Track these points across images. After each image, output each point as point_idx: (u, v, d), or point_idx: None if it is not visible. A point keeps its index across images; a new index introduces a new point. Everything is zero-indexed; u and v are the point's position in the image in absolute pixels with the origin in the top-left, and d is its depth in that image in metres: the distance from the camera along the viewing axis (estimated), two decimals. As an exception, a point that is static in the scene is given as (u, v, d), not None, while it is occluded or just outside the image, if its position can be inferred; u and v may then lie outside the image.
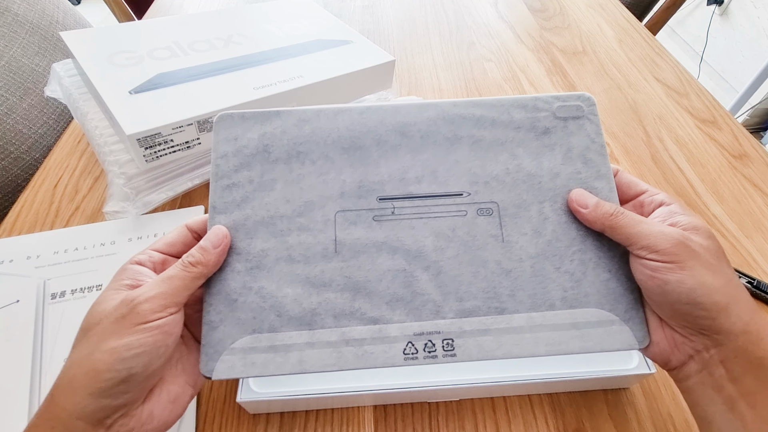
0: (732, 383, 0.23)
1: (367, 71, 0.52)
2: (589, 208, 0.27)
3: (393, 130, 0.30)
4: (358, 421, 0.34)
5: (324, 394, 0.32)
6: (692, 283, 0.23)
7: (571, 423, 0.34)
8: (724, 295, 0.23)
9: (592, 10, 0.88)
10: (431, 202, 0.28)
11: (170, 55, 0.50)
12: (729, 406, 0.23)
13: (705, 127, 0.62)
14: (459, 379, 0.33)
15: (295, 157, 0.29)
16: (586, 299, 0.27)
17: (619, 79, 0.70)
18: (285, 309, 0.26)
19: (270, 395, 0.31)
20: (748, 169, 0.56)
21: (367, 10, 0.83)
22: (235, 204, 0.28)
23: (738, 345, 0.23)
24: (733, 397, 0.23)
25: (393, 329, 0.26)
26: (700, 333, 0.24)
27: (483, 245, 0.28)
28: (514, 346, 0.26)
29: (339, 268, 0.27)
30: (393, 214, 0.28)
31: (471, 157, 0.29)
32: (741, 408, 0.23)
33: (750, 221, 0.50)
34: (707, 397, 0.24)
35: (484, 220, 0.28)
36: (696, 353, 0.24)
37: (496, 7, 0.88)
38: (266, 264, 0.27)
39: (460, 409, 0.35)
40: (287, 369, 0.25)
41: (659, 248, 0.24)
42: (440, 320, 0.26)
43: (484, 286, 0.27)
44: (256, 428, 0.33)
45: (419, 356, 0.25)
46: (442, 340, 0.26)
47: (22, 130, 0.59)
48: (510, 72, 0.71)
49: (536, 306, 0.26)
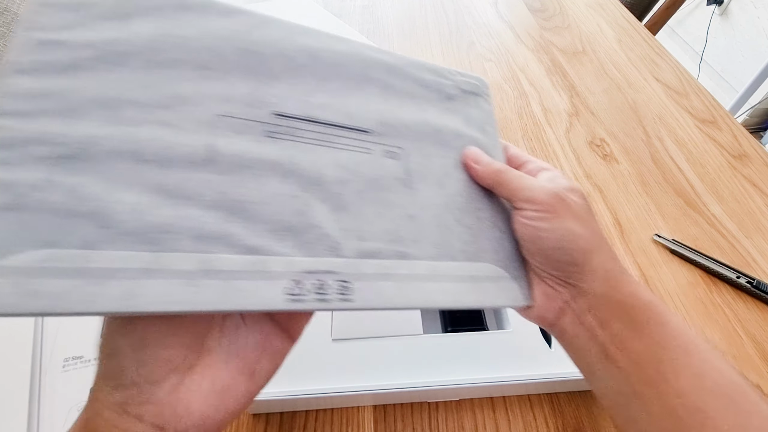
0: (602, 329, 0.24)
1: (367, 71, 0.52)
2: (481, 165, 0.28)
3: (301, 49, 0.26)
4: (358, 421, 0.34)
5: (324, 394, 0.32)
6: (562, 230, 0.25)
7: (570, 423, 0.34)
8: (589, 243, 0.25)
9: (592, 10, 0.88)
10: (335, 132, 0.25)
11: (170, 55, 0.50)
12: (603, 353, 0.24)
13: (705, 127, 0.62)
14: (459, 379, 0.33)
15: (169, 38, 0.22)
16: (484, 254, 0.26)
17: (619, 79, 0.70)
18: (115, 219, 0.19)
19: (270, 395, 0.31)
20: (748, 169, 0.56)
21: (367, 10, 0.83)
22: (57, 69, 0.20)
23: (601, 291, 0.25)
24: (604, 343, 0.24)
25: (276, 263, 0.21)
26: (568, 282, 0.26)
27: (388, 186, 0.25)
28: (415, 295, 0.23)
29: (210, 180, 0.21)
30: (290, 135, 0.23)
31: (380, 99, 0.27)
32: (613, 353, 0.24)
33: (750, 221, 0.50)
34: (584, 347, 0.25)
35: (390, 162, 0.26)
36: (566, 304, 0.26)
37: (496, 7, 0.88)
38: (94, 156, 0.19)
39: (459, 408, 0.35)
40: (103, 304, 0.17)
41: (538, 199, 0.26)
42: (337, 259, 0.22)
43: (388, 227, 0.24)
44: (256, 428, 0.33)
45: (307, 298, 0.21)
46: (338, 281, 0.22)
47: (22, 130, 0.59)
48: (510, 72, 0.71)
49: (439, 256, 0.25)
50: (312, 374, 0.33)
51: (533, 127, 0.61)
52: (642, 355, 0.23)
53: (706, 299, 0.43)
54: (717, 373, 0.22)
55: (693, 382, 0.22)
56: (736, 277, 0.44)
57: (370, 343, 0.35)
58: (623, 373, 0.23)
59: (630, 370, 0.23)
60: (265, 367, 0.23)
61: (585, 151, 0.58)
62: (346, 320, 0.36)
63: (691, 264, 0.46)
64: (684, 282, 0.44)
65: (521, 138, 0.59)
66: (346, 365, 0.34)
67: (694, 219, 0.50)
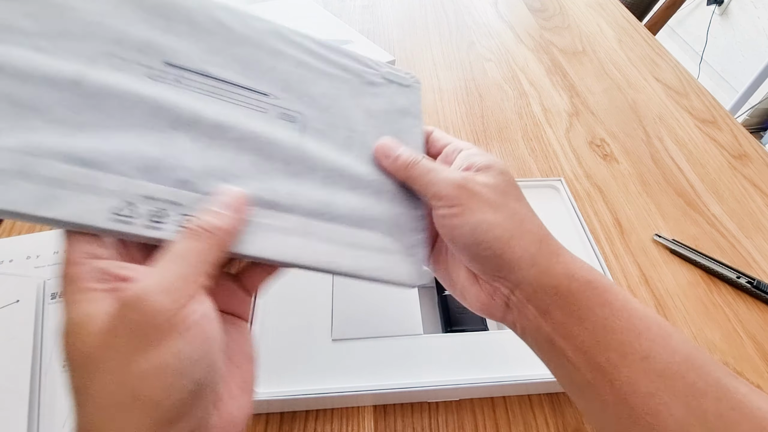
0: (543, 319, 0.23)
1: (367, 71, 0.52)
2: (390, 159, 0.26)
3: (212, 18, 0.25)
4: (358, 421, 0.34)
5: (324, 394, 0.32)
6: (472, 222, 0.23)
7: (570, 423, 0.34)
8: (506, 230, 0.23)
9: (592, 10, 0.88)
10: (229, 89, 0.24)
11: (170, 55, 0.50)
12: (550, 344, 0.23)
13: (705, 127, 0.62)
14: (459, 379, 0.33)
15: None
16: (374, 224, 0.25)
17: (619, 79, 0.70)
18: None
19: (270, 395, 0.31)
20: (748, 169, 0.56)
21: (367, 9, 0.83)
22: None
23: (532, 278, 0.23)
24: (550, 334, 0.23)
25: (111, 181, 0.19)
26: (499, 276, 0.24)
27: (274, 141, 0.24)
28: (274, 248, 0.21)
29: (65, 99, 0.20)
30: (175, 81, 0.22)
31: (291, 71, 0.26)
32: (559, 343, 0.22)
33: (750, 221, 0.50)
34: (535, 340, 0.24)
35: (284, 123, 0.25)
36: (507, 299, 0.24)
37: (496, 7, 0.88)
38: None
39: (459, 408, 0.35)
40: None
41: (443, 194, 0.24)
42: (188, 193, 0.20)
43: (261, 177, 0.23)
44: (256, 428, 0.33)
45: (136, 222, 0.19)
46: (181, 215, 0.20)
47: (22, 130, 0.59)
48: (510, 72, 0.71)
49: (315, 213, 0.23)
50: (312, 374, 0.33)
51: (533, 127, 0.61)
52: (587, 342, 0.21)
53: (706, 299, 0.43)
54: (668, 353, 0.20)
55: (643, 365, 0.20)
56: (736, 277, 0.44)
57: (370, 343, 0.35)
58: (572, 363, 0.22)
59: (578, 359, 0.22)
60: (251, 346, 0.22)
61: (585, 151, 0.58)
62: (346, 320, 0.36)
63: (691, 264, 0.46)
64: (684, 282, 0.44)
65: (521, 138, 0.59)
66: (346, 365, 0.34)
67: (694, 219, 0.50)
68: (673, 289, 0.44)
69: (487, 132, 0.60)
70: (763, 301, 0.43)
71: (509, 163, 0.56)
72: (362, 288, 0.38)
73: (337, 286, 0.38)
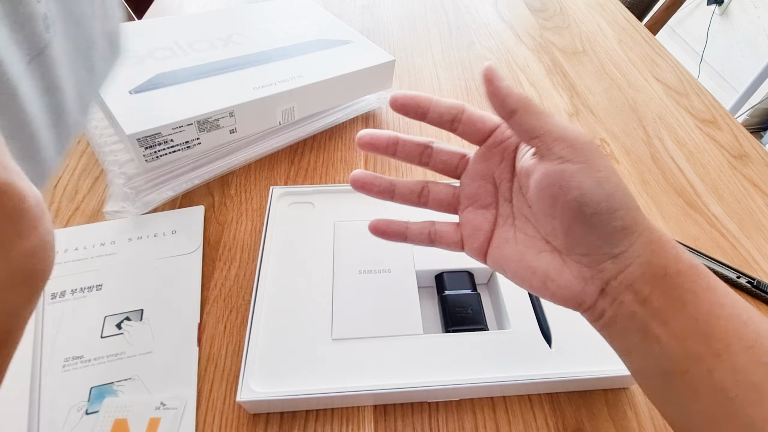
0: (642, 306, 0.21)
1: (367, 71, 0.52)
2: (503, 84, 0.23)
3: None
4: (358, 421, 0.34)
5: (324, 394, 0.32)
6: (610, 185, 0.21)
7: (571, 423, 0.34)
8: (632, 199, 0.21)
9: (592, 10, 0.88)
10: None
11: (170, 55, 0.50)
12: (643, 331, 0.21)
13: (705, 127, 0.62)
14: (459, 379, 0.33)
15: None
16: None
17: (619, 79, 0.70)
18: None
19: (270, 395, 0.31)
20: (748, 169, 0.56)
21: (367, 9, 0.83)
22: None
23: (646, 258, 0.21)
24: (645, 320, 0.21)
25: None
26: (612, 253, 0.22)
27: None
28: None
29: None
30: None
31: None
32: (654, 330, 0.21)
33: (750, 221, 0.50)
34: (622, 328, 0.22)
35: None
36: (605, 284, 0.22)
37: (496, 6, 0.88)
38: None
39: (460, 409, 0.35)
40: None
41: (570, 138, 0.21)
42: None
43: None
44: (256, 428, 0.33)
45: None
46: None
47: (21, 130, 0.59)
48: (510, 72, 0.71)
49: None
50: (312, 374, 0.33)
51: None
52: (688, 329, 0.20)
53: (706, 299, 0.43)
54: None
55: (747, 355, 0.19)
56: (736, 277, 0.44)
57: (370, 343, 0.35)
58: (665, 350, 0.20)
59: (674, 347, 0.20)
60: None
61: (585, 151, 0.58)
62: (346, 320, 0.36)
63: (691, 264, 0.46)
64: (684, 282, 0.44)
65: (521, 138, 0.59)
66: (346, 365, 0.34)
67: (695, 219, 0.50)
68: (673, 289, 0.44)
69: (487, 132, 0.60)
70: (763, 301, 0.43)
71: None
72: (362, 288, 0.38)
73: (337, 286, 0.38)
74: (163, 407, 0.33)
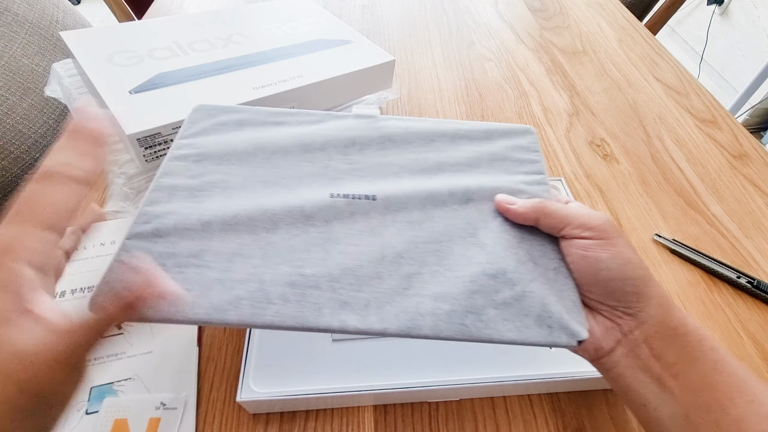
0: (656, 360, 0.24)
1: (367, 71, 0.52)
2: (517, 203, 0.29)
3: None
4: (358, 421, 0.34)
5: (324, 394, 0.32)
6: (622, 258, 0.25)
7: (571, 423, 0.34)
8: (643, 269, 0.25)
9: (592, 10, 0.88)
10: None
11: (170, 55, 0.50)
12: (658, 384, 0.24)
13: (705, 127, 0.62)
14: (459, 379, 0.33)
15: None
16: None
17: (619, 79, 0.70)
18: None
19: (270, 395, 0.31)
20: (748, 169, 0.56)
21: (367, 9, 0.83)
22: None
23: (658, 319, 0.25)
24: (659, 374, 0.24)
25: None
26: (627, 313, 0.25)
27: None
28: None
29: None
30: None
31: None
32: (667, 382, 0.23)
33: (750, 221, 0.50)
34: (638, 380, 0.25)
35: None
36: (623, 336, 0.25)
37: (496, 6, 0.88)
38: None
39: (460, 409, 0.35)
40: None
41: (593, 224, 0.26)
42: None
43: None
44: (256, 428, 0.33)
45: None
46: None
47: (22, 130, 0.59)
48: (510, 72, 0.71)
49: None
50: (312, 374, 0.33)
51: (533, 127, 0.61)
52: (698, 383, 0.23)
53: (706, 299, 0.43)
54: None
55: (750, 408, 0.22)
56: (736, 277, 0.44)
57: (370, 343, 0.35)
58: (678, 402, 0.23)
59: (685, 398, 0.23)
60: None
61: (585, 151, 0.58)
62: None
63: (691, 264, 0.46)
64: (684, 282, 0.44)
65: (521, 138, 0.59)
66: (346, 365, 0.34)
67: (695, 219, 0.50)
68: (673, 288, 0.44)
69: (487, 132, 0.60)
70: (763, 301, 0.43)
71: (509, 163, 0.56)
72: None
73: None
74: (163, 407, 0.33)
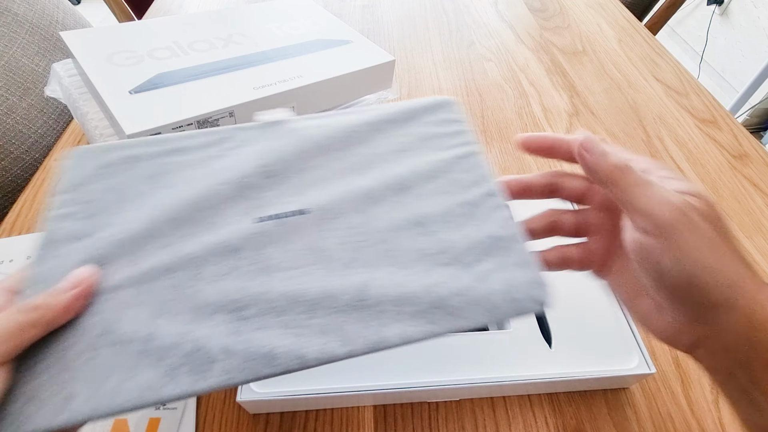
0: (741, 369, 0.21)
1: (367, 71, 0.52)
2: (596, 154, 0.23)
3: None
4: (358, 421, 0.34)
5: (324, 394, 0.32)
6: (692, 264, 0.20)
7: (570, 423, 0.34)
8: (728, 276, 0.20)
9: (592, 10, 0.88)
10: None
11: (170, 55, 0.50)
12: (744, 393, 0.21)
13: (705, 127, 0.62)
14: (459, 379, 0.33)
15: None
16: None
17: (619, 79, 0.70)
18: None
19: (270, 395, 0.31)
20: (748, 169, 0.56)
21: (366, 10, 0.83)
22: None
23: (739, 331, 0.20)
24: (745, 385, 0.21)
25: None
26: (697, 321, 0.21)
27: None
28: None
29: None
30: None
31: None
32: (756, 397, 0.20)
33: (750, 221, 0.50)
34: (722, 382, 0.22)
35: None
36: (700, 341, 0.22)
37: (496, 6, 0.88)
38: None
39: (460, 409, 0.35)
40: None
41: (655, 212, 0.20)
42: None
43: None
44: (256, 428, 0.33)
45: None
46: None
47: (22, 130, 0.59)
48: (510, 72, 0.71)
49: None
50: (312, 374, 0.33)
51: (533, 127, 0.61)
52: None
53: (706, 299, 0.43)
54: None
55: None
56: (736, 277, 0.43)
57: (370, 343, 0.35)
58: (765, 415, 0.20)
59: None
60: None
61: (585, 151, 0.58)
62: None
63: (691, 264, 0.46)
64: (684, 282, 0.44)
65: (521, 138, 0.59)
66: (346, 365, 0.34)
67: (695, 219, 0.50)
68: (673, 289, 0.44)
69: (487, 132, 0.60)
70: (763, 301, 0.43)
71: (509, 163, 0.56)
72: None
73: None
74: (163, 407, 0.33)
